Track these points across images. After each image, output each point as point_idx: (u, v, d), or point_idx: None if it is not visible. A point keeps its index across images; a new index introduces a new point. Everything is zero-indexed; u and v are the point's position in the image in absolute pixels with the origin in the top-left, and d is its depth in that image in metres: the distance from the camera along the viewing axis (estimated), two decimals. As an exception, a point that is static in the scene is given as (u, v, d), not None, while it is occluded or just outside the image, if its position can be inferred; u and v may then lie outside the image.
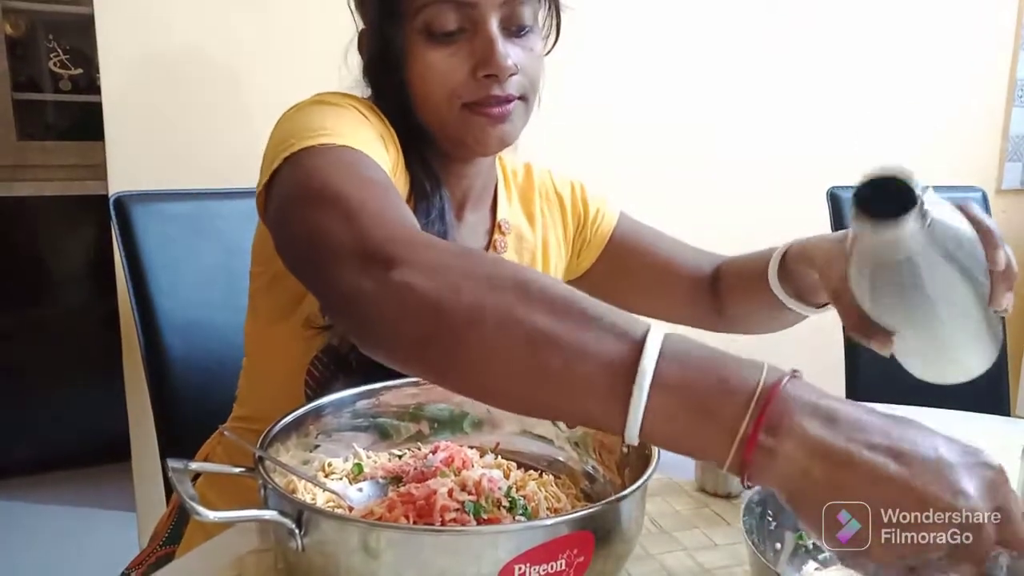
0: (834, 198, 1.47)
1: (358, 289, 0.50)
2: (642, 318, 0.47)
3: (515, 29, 0.75)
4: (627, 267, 0.97)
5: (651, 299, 0.95)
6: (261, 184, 0.67)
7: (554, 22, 0.83)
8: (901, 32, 2.01)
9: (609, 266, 0.98)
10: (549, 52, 0.84)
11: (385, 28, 0.76)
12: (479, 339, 0.47)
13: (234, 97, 1.40)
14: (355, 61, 0.83)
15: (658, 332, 0.45)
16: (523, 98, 0.77)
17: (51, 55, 2.50)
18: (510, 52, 0.74)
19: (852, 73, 1.98)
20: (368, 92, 0.82)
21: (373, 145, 0.68)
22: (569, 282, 0.99)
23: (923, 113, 2.08)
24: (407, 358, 0.51)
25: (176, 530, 0.86)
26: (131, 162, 1.33)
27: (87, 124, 2.42)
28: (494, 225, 0.90)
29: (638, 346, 0.44)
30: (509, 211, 0.92)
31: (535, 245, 0.93)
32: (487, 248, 0.89)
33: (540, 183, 0.96)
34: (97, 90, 1.33)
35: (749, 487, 0.45)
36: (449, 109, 0.75)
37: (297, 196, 0.61)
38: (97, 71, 1.33)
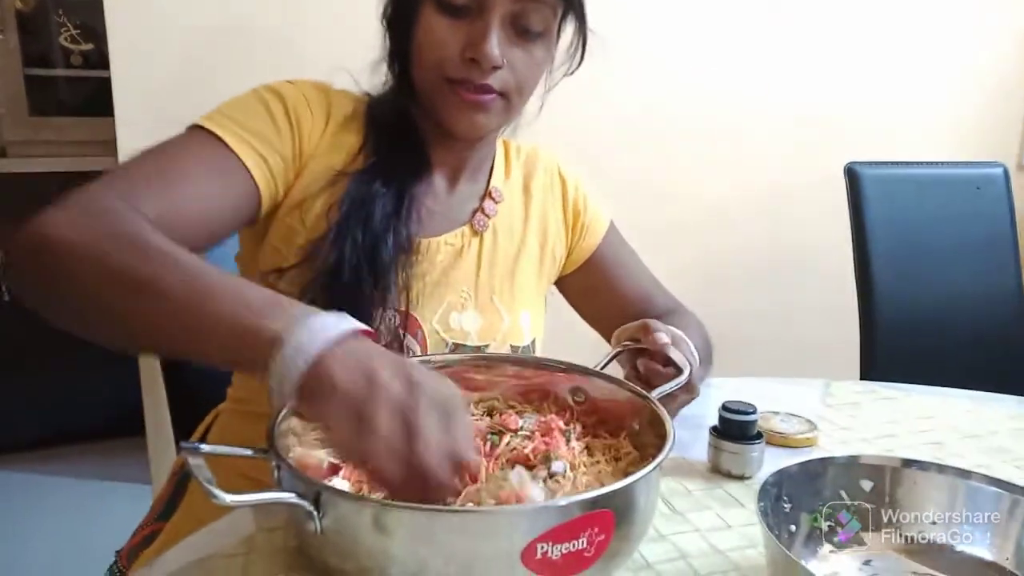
0: (852, 173, 1.45)
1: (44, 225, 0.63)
2: None
3: (521, 30, 0.77)
4: (594, 290, 0.98)
5: (604, 327, 0.96)
6: None
7: (580, 41, 0.85)
8: (922, 5, 1.97)
9: (582, 283, 0.99)
10: (574, 71, 0.86)
11: None
12: (83, 273, 0.60)
13: (244, 72, 1.38)
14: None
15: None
16: (504, 96, 0.79)
17: (61, 30, 2.48)
18: (504, 48, 0.76)
19: (873, 47, 1.94)
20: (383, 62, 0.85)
21: (257, 132, 0.77)
22: (560, 279, 0.99)
23: (944, 88, 2.04)
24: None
25: (170, 505, 0.86)
26: (141, 138, 1.30)
27: (98, 100, 2.41)
28: (487, 192, 0.91)
29: None
30: (505, 184, 0.93)
31: (530, 220, 0.94)
32: (475, 212, 0.89)
33: (546, 162, 0.98)
34: (108, 65, 1.32)
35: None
36: (433, 77, 0.78)
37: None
38: (107, 46, 1.32)
